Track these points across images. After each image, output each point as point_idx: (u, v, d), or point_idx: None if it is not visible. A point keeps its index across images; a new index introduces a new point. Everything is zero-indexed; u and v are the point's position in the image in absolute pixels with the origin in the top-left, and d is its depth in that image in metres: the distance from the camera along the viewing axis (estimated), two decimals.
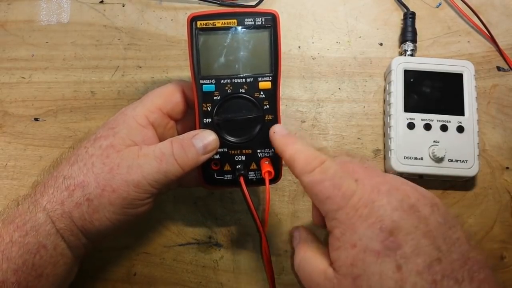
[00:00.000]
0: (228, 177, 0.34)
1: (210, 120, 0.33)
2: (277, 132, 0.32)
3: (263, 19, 0.32)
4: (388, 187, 0.27)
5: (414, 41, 0.45)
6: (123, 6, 0.48)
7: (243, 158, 0.34)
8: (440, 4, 0.49)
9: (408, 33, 0.46)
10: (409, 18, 0.46)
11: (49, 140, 0.44)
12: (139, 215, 0.32)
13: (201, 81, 0.33)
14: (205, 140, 0.32)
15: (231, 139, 0.34)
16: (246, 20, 0.32)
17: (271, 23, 0.32)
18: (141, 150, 0.31)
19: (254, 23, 0.32)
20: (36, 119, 0.44)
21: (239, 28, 0.32)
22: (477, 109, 0.42)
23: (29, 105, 0.45)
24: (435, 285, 0.23)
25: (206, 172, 0.34)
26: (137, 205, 0.31)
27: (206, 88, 0.33)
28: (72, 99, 0.45)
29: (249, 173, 0.34)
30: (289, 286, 0.40)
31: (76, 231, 0.31)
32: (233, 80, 0.33)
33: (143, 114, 0.33)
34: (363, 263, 0.24)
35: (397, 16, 0.48)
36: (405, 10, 0.47)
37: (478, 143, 0.41)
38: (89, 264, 0.37)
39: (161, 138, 0.34)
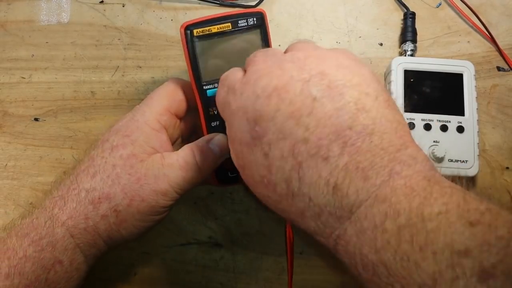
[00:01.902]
0: None
1: (218, 122, 0.34)
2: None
3: (255, 19, 0.33)
4: (262, 71, 0.25)
5: (414, 41, 0.45)
6: (123, 6, 0.48)
7: None
8: (440, 4, 0.49)
9: (408, 33, 0.46)
10: (409, 18, 0.46)
11: (49, 140, 0.44)
12: (161, 220, 0.33)
13: (204, 86, 0.33)
14: (220, 143, 0.33)
15: None
16: (239, 22, 0.33)
17: (261, 21, 0.33)
18: (164, 159, 0.31)
19: (247, 23, 0.33)
20: (36, 119, 0.44)
21: (234, 30, 0.33)
22: (477, 109, 0.42)
23: (29, 105, 0.45)
24: (298, 166, 0.22)
25: (220, 173, 0.35)
26: (162, 211, 0.32)
27: (210, 92, 0.33)
28: (72, 99, 0.45)
29: None
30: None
31: (99, 243, 0.31)
32: None
33: (155, 118, 0.33)
34: (242, 154, 0.25)
35: (397, 16, 0.48)
36: (405, 10, 0.47)
37: (478, 143, 0.41)
38: None
39: (170, 138, 0.34)
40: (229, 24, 0.32)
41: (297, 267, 0.40)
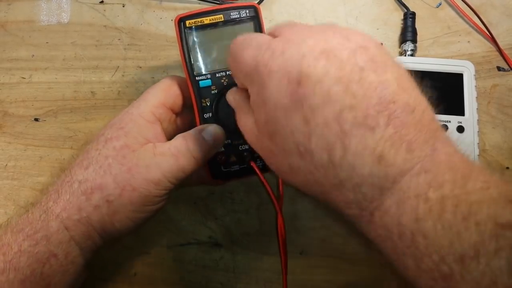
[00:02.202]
0: (236, 167, 0.35)
1: (210, 114, 0.34)
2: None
3: (247, 11, 0.33)
4: (305, 35, 0.23)
5: (414, 41, 0.45)
6: (123, 6, 0.48)
7: (246, 146, 0.35)
8: (440, 4, 0.49)
9: (408, 33, 0.46)
10: (409, 18, 0.46)
11: (49, 140, 0.44)
12: (157, 211, 0.32)
13: (197, 77, 0.34)
14: (213, 132, 0.33)
15: (233, 129, 0.34)
16: (232, 14, 0.33)
17: (254, 14, 0.34)
18: (156, 148, 0.31)
19: (239, 16, 0.33)
20: (36, 119, 0.44)
21: (226, 21, 0.33)
22: (477, 109, 0.42)
23: (29, 105, 0.45)
24: (343, 135, 0.21)
25: (213, 167, 0.35)
26: (156, 201, 0.31)
27: (202, 84, 0.34)
28: (72, 99, 0.45)
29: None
30: (290, 286, 0.40)
31: (93, 235, 0.31)
32: (227, 73, 0.34)
33: (149, 110, 0.33)
34: (275, 120, 0.23)
35: (397, 16, 0.48)
36: (405, 10, 0.47)
37: (478, 143, 0.41)
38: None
39: (165, 133, 0.34)
40: (221, 15, 0.33)
41: (297, 267, 0.40)
